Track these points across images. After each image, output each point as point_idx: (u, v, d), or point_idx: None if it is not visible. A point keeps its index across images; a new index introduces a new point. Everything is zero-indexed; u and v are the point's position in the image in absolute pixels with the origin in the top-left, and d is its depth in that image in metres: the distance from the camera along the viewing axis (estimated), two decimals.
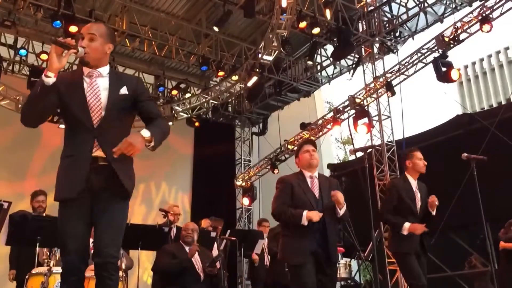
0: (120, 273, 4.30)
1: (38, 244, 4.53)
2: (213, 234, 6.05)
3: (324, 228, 3.64)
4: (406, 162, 4.43)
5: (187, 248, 5.40)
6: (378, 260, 3.65)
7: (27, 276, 4.06)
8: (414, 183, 4.36)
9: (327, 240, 3.63)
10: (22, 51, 9.71)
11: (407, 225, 4.13)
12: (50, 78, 2.41)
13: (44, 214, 5.66)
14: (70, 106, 2.57)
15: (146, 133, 2.48)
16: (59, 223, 2.52)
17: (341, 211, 3.68)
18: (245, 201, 11.89)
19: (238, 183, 12.22)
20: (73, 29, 8.29)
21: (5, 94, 9.36)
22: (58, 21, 8.24)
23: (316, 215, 3.53)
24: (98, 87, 2.61)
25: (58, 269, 3.77)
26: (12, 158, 9.55)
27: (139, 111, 2.74)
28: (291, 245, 3.69)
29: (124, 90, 2.66)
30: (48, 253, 4.50)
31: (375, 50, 9.92)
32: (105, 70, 2.68)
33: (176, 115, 11.08)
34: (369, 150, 5.45)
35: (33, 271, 4.03)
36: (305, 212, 3.56)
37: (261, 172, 12.02)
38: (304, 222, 3.53)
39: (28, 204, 6.00)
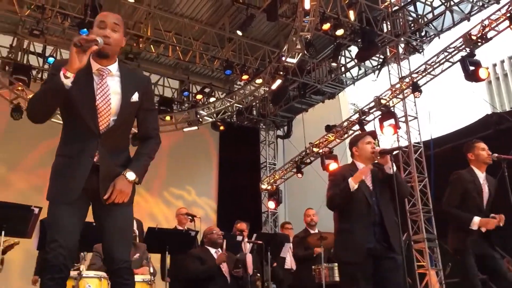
0: (148, 277, 4.35)
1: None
2: (239, 238, 6.05)
3: (382, 220, 3.50)
4: (468, 155, 4.18)
5: (213, 251, 5.42)
6: (407, 263, 3.54)
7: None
8: (481, 175, 4.11)
9: (386, 233, 3.48)
10: (51, 59, 9.95)
11: (476, 219, 3.88)
12: (69, 79, 2.25)
13: None
14: (77, 107, 2.40)
15: (131, 176, 2.49)
16: (50, 218, 2.42)
17: (392, 168, 3.52)
18: (271, 204, 11.86)
19: (264, 186, 12.21)
20: None
21: None
22: (85, 29, 8.40)
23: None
24: (108, 90, 2.46)
25: (88, 273, 3.83)
26: (44, 165, 9.75)
27: (139, 120, 2.63)
28: (345, 240, 3.55)
29: (135, 97, 2.53)
30: (78, 257, 4.56)
31: (400, 50, 9.78)
32: (114, 67, 2.52)
33: (201, 119, 11.15)
34: (395, 152, 5.36)
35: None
36: (350, 178, 3.48)
37: (286, 175, 11.98)
38: (353, 185, 3.45)
39: None
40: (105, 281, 3.94)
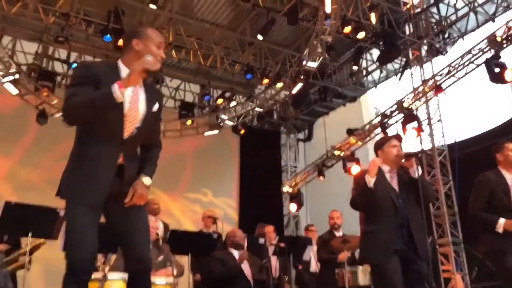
0: (171, 279, 4.37)
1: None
2: (261, 241, 6.05)
3: (408, 223, 3.47)
4: (496, 155, 4.08)
5: (235, 254, 5.42)
6: (432, 267, 3.50)
7: None
8: (508, 176, 3.99)
9: (412, 236, 3.45)
10: (75, 66, 10.13)
11: (502, 221, 3.76)
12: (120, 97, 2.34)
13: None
14: (106, 113, 2.44)
15: (148, 181, 2.60)
16: (72, 219, 2.42)
17: (418, 171, 3.51)
18: (292, 207, 11.83)
19: (285, 189, 12.19)
20: (122, 42, 8.54)
21: (59, 107, 9.73)
22: (108, 35, 8.54)
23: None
24: (137, 100, 2.54)
25: (113, 275, 3.86)
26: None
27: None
28: (372, 243, 3.53)
29: (155, 107, 2.64)
30: (103, 259, 4.61)
31: (423, 52, 9.68)
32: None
33: (222, 123, 11.20)
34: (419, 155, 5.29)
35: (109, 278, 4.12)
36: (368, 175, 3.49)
37: (307, 178, 11.94)
38: (370, 182, 3.47)
39: None
40: None
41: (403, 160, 3.60)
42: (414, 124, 8.83)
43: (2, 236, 5.38)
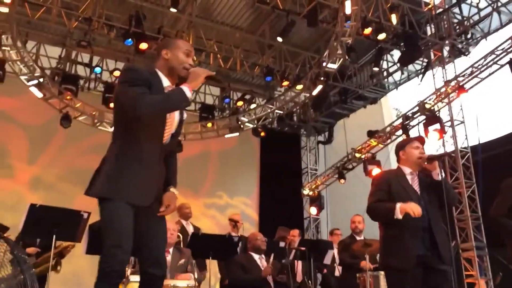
0: (192, 282, 4.40)
1: None
2: (282, 244, 6.03)
3: (430, 227, 3.38)
4: None
5: (256, 258, 5.42)
6: (455, 273, 3.43)
7: None
8: None
9: (435, 240, 3.36)
10: (97, 69, 10.30)
11: None
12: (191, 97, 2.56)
13: None
14: (152, 117, 2.54)
15: (176, 192, 2.69)
16: (115, 219, 2.42)
17: (441, 174, 3.41)
18: (313, 210, 11.78)
19: (305, 192, 12.15)
20: (143, 46, 8.66)
21: (82, 110, 9.89)
22: (130, 39, 8.65)
23: (415, 208, 3.19)
24: None
25: (135, 278, 3.91)
26: (90, 171, 10.06)
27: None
28: (393, 247, 3.42)
29: (185, 115, 2.75)
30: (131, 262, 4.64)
31: (445, 53, 9.55)
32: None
33: (242, 126, 11.22)
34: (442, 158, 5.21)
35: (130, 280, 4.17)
36: (398, 205, 3.28)
37: (328, 181, 11.88)
38: (399, 215, 3.26)
39: None
40: None
41: (425, 163, 3.53)
42: (437, 126, 8.71)
43: (34, 240, 5.47)
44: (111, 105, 9.78)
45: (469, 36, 9.45)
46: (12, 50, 8.80)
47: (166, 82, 2.64)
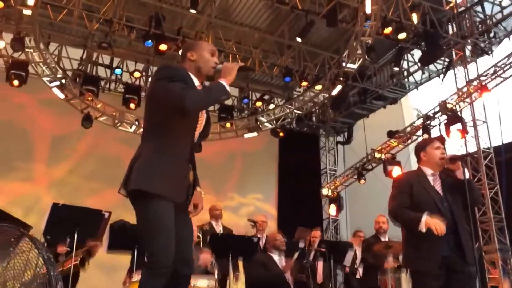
0: (213, 282, 4.41)
1: (136, 252, 4.76)
2: (301, 245, 6.02)
3: (455, 228, 3.31)
4: None
5: (276, 257, 5.42)
6: (479, 274, 3.38)
7: (127, 284, 4.26)
8: None
9: (460, 243, 3.31)
10: (118, 70, 10.42)
11: None
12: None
13: None
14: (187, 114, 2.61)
15: (201, 190, 2.75)
16: (163, 217, 2.43)
17: (465, 174, 3.35)
18: (332, 211, 11.72)
19: (324, 192, 12.09)
20: (163, 47, 8.73)
21: (103, 111, 10.01)
22: (149, 41, 8.72)
23: (439, 226, 3.16)
24: None
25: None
26: (109, 170, 10.19)
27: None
28: (417, 249, 3.38)
29: (207, 115, 2.80)
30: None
31: (467, 52, 9.41)
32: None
33: (261, 126, 11.22)
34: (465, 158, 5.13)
35: (133, 279, 4.23)
36: (423, 218, 3.23)
37: (347, 181, 11.80)
38: (422, 229, 3.22)
39: (130, 214, 6.32)
40: None
41: (448, 163, 3.47)
42: (458, 125, 8.60)
43: (64, 239, 5.55)
44: (132, 105, 9.92)
45: (491, 35, 9.30)
46: (35, 52, 8.95)
47: (196, 82, 2.71)
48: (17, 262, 2.44)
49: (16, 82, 8.85)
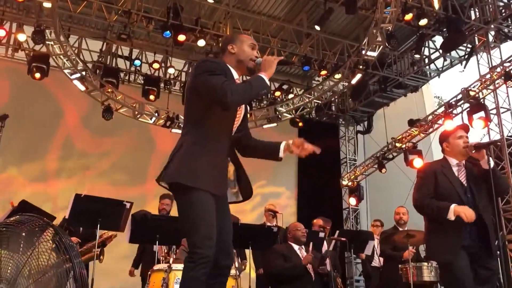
0: (233, 271, 4.42)
1: (157, 242, 4.81)
2: (321, 235, 6.00)
3: (479, 218, 3.29)
4: None
5: (296, 248, 5.41)
6: (503, 264, 3.34)
7: (149, 272, 4.31)
8: None
9: (484, 232, 3.32)
10: (137, 62, 10.48)
11: None
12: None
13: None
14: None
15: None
16: (205, 209, 2.47)
17: (489, 162, 3.33)
18: (352, 201, 11.65)
19: (344, 182, 12.02)
20: (181, 38, 8.74)
21: (123, 103, 10.09)
22: (168, 31, 8.72)
23: (468, 213, 3.18)
24: None
25: (177, 266, 3.97)
26: (132, 162, 10.32)
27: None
28: (438, 241, 3.41)
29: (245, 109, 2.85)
30: (168, 251, 4.74)
31: (490, 38, 9.19)
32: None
33: (280, 116, 11.18)
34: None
35: (155, 268, 4.28)
36: (452, 206, 3.25)
37: (367, 171, 11.71)
38: (451, 217, 3.23)
39: (151, 205, 6.40)
40: None
41: (472, 152, 3.42)
42: (481, 113, 8.43)
43: (78, 229, 5.65)
44: (151, 97, 9.99)
45: None
46: (55, 45, 9.06)
47: (235, 75, 2.74)
48: (41, 251, 2.49)
49: (38, 75, 8.97)
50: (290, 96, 11.70)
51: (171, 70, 10.59)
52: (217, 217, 2.53)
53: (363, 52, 9.37)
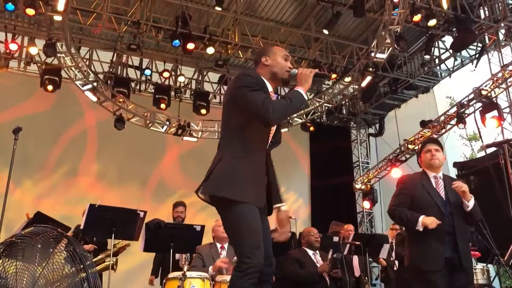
0: None
1: (171, 250, 4.82)
2: (335, 239, 5.97)
3: (454, 232, 3.44)
4: None
5: (310, 253, 5.39)
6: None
7: (164, 280, 4.32)
8: None
9: (457, 244, 3.42)
10: (147, 71, 10.54)
11: None
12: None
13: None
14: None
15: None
16: (251, 221, 2.52)
17: (470, 204, 3.45)
18: (366, 204, 11.58)
19: (358, 186, 11.95)
20: (190, 46, 8.79)
21: (135, 112, 10.16)
22: (177, 40, 8.78)
23: (433, 222, 3.34)
24: None
25: (192, 274, 3.98)
26: (143, 169, 10.38)
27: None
28: (421, 249, 3.48)
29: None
30: (188, 259, 4.73)
31: (501, 36, 9.12)
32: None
33: (291, 121, 11.17)
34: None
35: (169, 276, 4.29)
36: (421, 218, 3.40)
37: (380, 174, 11.63)
38: (419, 228, 3.38)
39: (164, 214, 6.41)
40: (208, 282, 4.07)
41: (455, 187, 3.49)
42: (494, 112, 8.36)
43: (93, 238, 5.69)
44: (162, 105, 10.05)
45: None
46: (67, 57, 9.16)
47: (270, 87, 2.77)
48: (55, 262, 2.51)
49: (50, 87, 9.09)
50: None
51: (181, 78, 10.65)
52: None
53: (372, 54, 9.34)
